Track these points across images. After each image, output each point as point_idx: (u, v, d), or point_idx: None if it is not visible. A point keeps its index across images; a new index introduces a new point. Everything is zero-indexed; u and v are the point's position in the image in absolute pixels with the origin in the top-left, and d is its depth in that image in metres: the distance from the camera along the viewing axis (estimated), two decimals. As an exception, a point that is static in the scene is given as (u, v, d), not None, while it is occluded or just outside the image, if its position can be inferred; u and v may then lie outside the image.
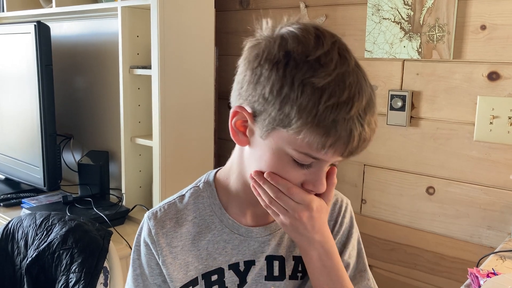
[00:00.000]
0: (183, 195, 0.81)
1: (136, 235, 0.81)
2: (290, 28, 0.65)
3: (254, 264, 0.77)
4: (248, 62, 0.66)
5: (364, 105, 0.62)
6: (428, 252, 1.50)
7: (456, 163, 1.42)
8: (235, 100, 0.70)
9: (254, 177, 0.70)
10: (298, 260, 0.79)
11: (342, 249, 0.81)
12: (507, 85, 1.32)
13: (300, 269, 0.79)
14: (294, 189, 0.68)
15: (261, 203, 0.71)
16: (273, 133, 0.65)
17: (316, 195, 0.71)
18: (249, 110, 0.66)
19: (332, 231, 0.80)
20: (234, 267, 0.76)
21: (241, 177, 0.75)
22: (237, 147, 0.75)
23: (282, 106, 0.62)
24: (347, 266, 0.79)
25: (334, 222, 0.82)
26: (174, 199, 0.81)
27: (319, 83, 0.60)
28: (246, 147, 0.71)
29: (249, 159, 0.72)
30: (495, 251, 1.21)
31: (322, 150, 0.62)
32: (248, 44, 0.69)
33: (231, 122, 0.69)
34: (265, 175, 0.69)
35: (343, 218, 0.83)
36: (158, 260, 0.76)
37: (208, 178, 0.81)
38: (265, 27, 0.69)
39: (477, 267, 1.11)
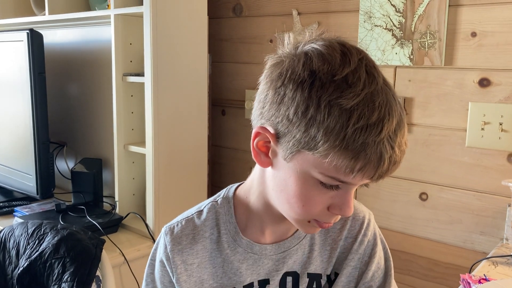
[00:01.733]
0: (201, 211, 0.78)
1: (152, 250, 0.79)
2: (314, 45, 0.62)
3: (269, 283, 0.75)
4: (271, 81, 0.64)
5: (395, 126, 0.59)
6: (422, 258, 1.51)
7: (448, 169, 1.43)
8: (256, 119, 0.67)
9: None
10: (313, 277, 0.77)
11: (364, 269, 0.77)
12: (498, 91, 1.33)
13: (314, 286, 0.77)
14: None
15: None
16: (298, 156, 0.62)
17: None
18: (272, 131, 0.64)
19: (350, 249, 0.78)
20: (248, 287, 0.75)
21: (262, 198, 0.73)
22: (258, 166, 0.72)
23: (307, 128, 0.59)
24: None
25: (353, 240, 0.78)
26: (193, 214, 0.78)
27: (347, 105, 0.57)
28: (268, 168, 0.69)
29: (271, 181, 0.69)
30: (487, 256, 1.22)
31: (350, 174, 0.59)
32: (269, 61, 0.67)
33: (253, 143, 0.67)
34: None
35: (363, 236, 0.78)
36: (172, 277, 0.75)
37: (227, 194, 0.78)
38: (286, 43, 0.67)
39: (469, 272, 1.11)
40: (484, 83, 1.35)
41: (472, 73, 1.37)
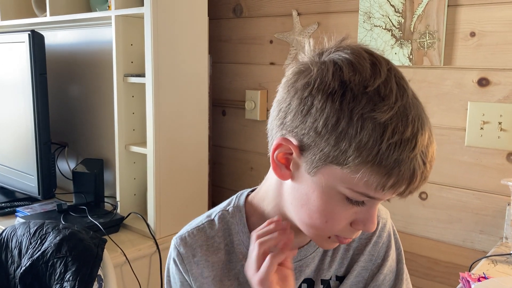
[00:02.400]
0: (213, 220, 0.75)
1: (166, 266, 0.78)
2: (342, 54, 0.59)
3: None
4: (295, 90, 0.60)
5: (427, 141, 0.57)
6: (422, 257, 1.51)
7: (448, 168, 1.44)
8: (276, 128, 0.63)
9: None
10: (327, 284, 0.75)
11: (376, 272, 0.75)
12: (497, 90, 1.33)
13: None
14: None
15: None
16: (324, 170, 0.59)
17: None
18: (295, 143, 0.60)
19: (363, 251, 0.76)
20: None
21: (278, 210, 0.70)
22: (274, 176, 0.68)
23: (338, 141, 0.56)
24: None
25: (367, 241, 0.76)
26: (204, 223, 0.75)
27: (381, 118, 0.55)
28: (288, 181, 0.65)
29: (290, 194, 0.66)
30: (487, 255, 1.22)
31: (381, 190, 0.57)
32: (292, 69, 0.64)
33: (273, 155, 0.63)
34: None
35: (378, 237, 0.76)
36: None
37: (238, 203, 0.76)
38: (307, 50, 0.64)
39: (469, 271, 1.12)
40: (483, 82, 1.36)
41: (471, 73, 1.37)
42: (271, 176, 0.70)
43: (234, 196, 0.77)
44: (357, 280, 0.76)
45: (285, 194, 0.67)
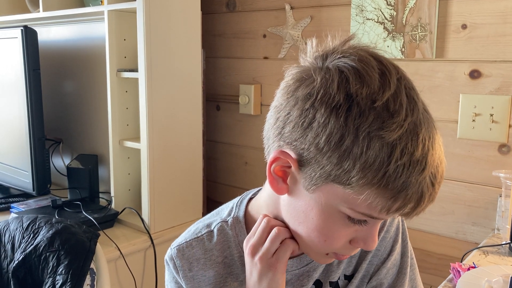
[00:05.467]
0: (212, 232, 0.72)
1: (165, 278, 0.75)
2: (348, 61, 0.54)
3: None
4: (296, 99, 0.56)
5: (437, 160, 0.54)
6: (415, 249, 1.51)
7: (440, 160, 1.44)
8: (273, 138, 0.59)
9: None
10: (335, 286, 0.73)
11: (380, 266, 0.73)
12: (488, 83, 1.34)
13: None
14: None
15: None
16: (324, 188, 0.55)
17: None
18: (294, 156, 0.56)
19: None
20: None
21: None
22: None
23: (341, 160, 0.52)
24: (380, 286, 0.72)
25: None
26: (203, 234, 0.72)
27: (389, 138, 0.51)
28: (284, 195, 0.62)
29: (287, 210, 0.63)
30: (478, 246, 1.23)
31: (385, 213, 0.54)
32: (292, 73, 0.59)
33: (270, 168, 0.60)
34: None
35: (386, 232, 0.72)
36: None
37: (238, 213, 0.72)
38: (309, 51, 0.59)
39: (461, 262, 1.12)
40: (474, 75, 1.36)
41: (463, 65, 1.38)
42: (268, 187, 0.65)
43: (234, 204, 0.74)
44: (363, 275, 0.74)
45: (283, 209, 0.64)
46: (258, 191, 0.75)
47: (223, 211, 0.75)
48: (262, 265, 0.64)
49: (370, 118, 0.51)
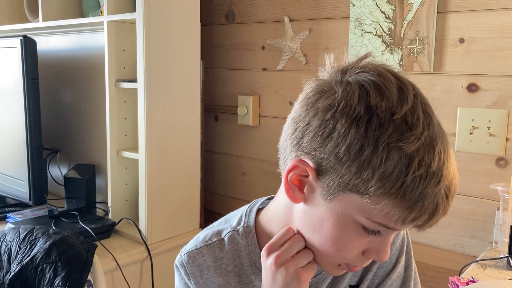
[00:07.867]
0: (222, 240, 0.73)
1: (175, 283, 0.76)
2: (368, 75, 0.57)
3: None
4: (316, 110, 0.57)
5: (451, 174, 0.55)
6: (413, 262, 1.52)
7: (438, 173, 1.44)
8: (290, 148, 0.60)
9: None
10: None
11: (385, 278, 0.73)
12: (486, 96, 1.35)
13: None
14: None
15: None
16: (341, 197, 0.57)
17: None
18: (312, 165, 0.58)
19: None
20: None
21: None
22: (284, 195, 0.64)
23: (360, 170, 0.53)
24: None
25: None
26: (213, 242, 0.73)
27: (408, 149, 0.52)
28: (300, 204, 0.63)
29: (302, 219, 0.63)
30: (476, 260, 1.23)
31: (401, 223, 0.55)
32: (312, 86, 0.61)
33: (287, 177, 0.61)
34: None
35: (392, 244, 0.73)
36: None
37: (248, 222, 0.73)
38: (328, 66, 0.61)
39: (459, 276, 1.12)
40: (472, 88, 1.37)
41: (460, 79, 1.39)
42: (281, 196, 0.66)
43: (244, 213, 0.74)
44: (368, 286, 0.74)
45: (296, 218, 0.64)
46: (267, 200, 0.75)
47: (232, 220, 0.75)
48: (287, 273, 0.64)
49: (389, 130, 0.53)
